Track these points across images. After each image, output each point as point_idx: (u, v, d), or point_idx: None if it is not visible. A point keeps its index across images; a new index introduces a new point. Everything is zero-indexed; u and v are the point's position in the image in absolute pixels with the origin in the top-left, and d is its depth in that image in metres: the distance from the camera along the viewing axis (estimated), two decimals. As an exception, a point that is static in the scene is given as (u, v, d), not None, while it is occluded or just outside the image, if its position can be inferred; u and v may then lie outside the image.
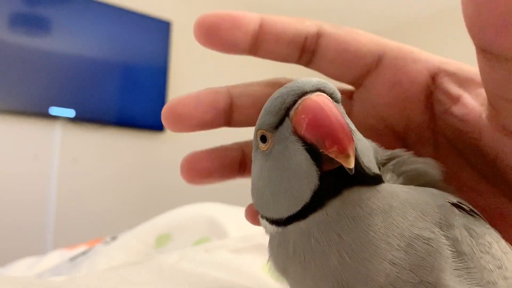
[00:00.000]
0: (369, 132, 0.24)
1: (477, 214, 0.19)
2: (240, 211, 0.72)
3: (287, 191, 0.19)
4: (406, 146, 0.24)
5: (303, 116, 0.18)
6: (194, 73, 2.60)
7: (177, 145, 2.49)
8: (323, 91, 0.19)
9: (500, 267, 0.17)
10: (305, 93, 0.18)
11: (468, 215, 0.19)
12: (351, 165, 0.16)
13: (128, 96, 2.29)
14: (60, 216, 2.05)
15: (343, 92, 0.24)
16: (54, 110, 2.00)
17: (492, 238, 0.18)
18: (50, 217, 2.04)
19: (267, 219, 0.21)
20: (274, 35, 0.23)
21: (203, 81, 2.66)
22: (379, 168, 0.21)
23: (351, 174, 0.17)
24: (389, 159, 0.22)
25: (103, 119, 2.20)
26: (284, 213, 0.19)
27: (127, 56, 2.29)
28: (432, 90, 0.23)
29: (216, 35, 0.22)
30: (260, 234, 0.36)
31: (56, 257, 0.84)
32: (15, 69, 1.95)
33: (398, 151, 0.22)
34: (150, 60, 2.37)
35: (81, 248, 0.82)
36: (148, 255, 0.63)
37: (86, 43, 2.14)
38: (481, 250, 0.17)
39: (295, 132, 0.18)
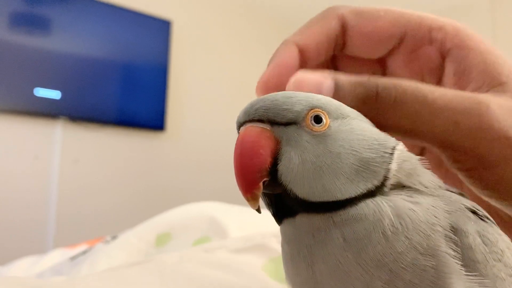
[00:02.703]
0: None
1: (489, 220, 0.19)
2: (241, 210, 0.72)
3: None
4: None
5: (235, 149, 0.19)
6: (194, 72, 2.60)
7: (177, 144, 2.49)
8: (267, 116, 0.19)
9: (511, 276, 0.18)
10: (244, 123, 0.20)
11: (481, 221, 0.19)
12: (253, 207, 0.18)
13: (128, 95, 2.29)
14: (60, 216, 2.05)
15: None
16: (39, 92, 1.98)
17: (504, 245, 0.19)
18: (51, 217, 2.04)
19: None
20: (315, 53, 0.26)
21: (204, 80, 2.66)
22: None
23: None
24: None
25: (103, 119, 2.19)
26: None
27: (128, 55, 2.29)
28: (443, 67, 0.26)
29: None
30: (260, 234, 0.36)
31: (57, 256, 0.85)
32: (16, 69, 1.95)
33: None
34: (150, 59, 2.37)
35: (82, 247, 0.83)
36: (149, 254, 0.63)
37: (86, 43, 2.14)
38: (494, 258, 0.17)
39: None
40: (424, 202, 0.18)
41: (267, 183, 0.18)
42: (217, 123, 2.58)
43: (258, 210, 0.19)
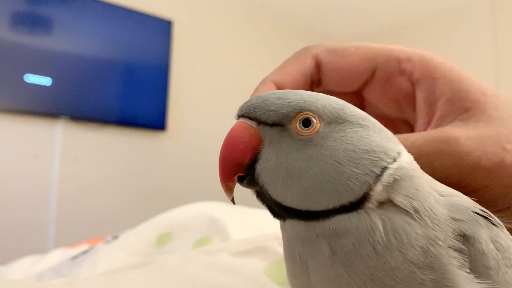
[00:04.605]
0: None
1: (500, 225, 0.19)
2: (241, 210, 0.72)
3: None
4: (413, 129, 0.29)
5: None
6: (195, 72, 2.60)
7: (178, 144, 2.49)
8: (254, 114, 0.19)
9: None
10: (240, 116, 0.20)
11: (493, 226, 0.18)
12: (228, 197, 0.19)
13: (129, 95, 2.29)
14: (61, 215, 2.05)
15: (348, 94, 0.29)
16: (29, 78, 1.95)
17: None
18: (51, 216, 2.04)
19: None
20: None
21: (204, 79, 2.66)
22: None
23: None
24: None
25: (104, 118, 2.19)
26: None
27: (129, 55, 2.29)
28: (414, 93, 0.28)
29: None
30: (262, 236, 0.36)
31: (58, 255, 0.84)
32: (17, 68, 1.95)
33: None
34: (151, 59, 2.37)
35: (83, 247, 0.83)
36: (149, 254, 0.63)
37: (87, 42, 2.14)
38: (506, 264, 0.17)
39: None
40: (422, 213, 0.18)
41: (248, 180, 0.19)
42: (218, 123, 2.58)
43: (233, 201, 0.20)
